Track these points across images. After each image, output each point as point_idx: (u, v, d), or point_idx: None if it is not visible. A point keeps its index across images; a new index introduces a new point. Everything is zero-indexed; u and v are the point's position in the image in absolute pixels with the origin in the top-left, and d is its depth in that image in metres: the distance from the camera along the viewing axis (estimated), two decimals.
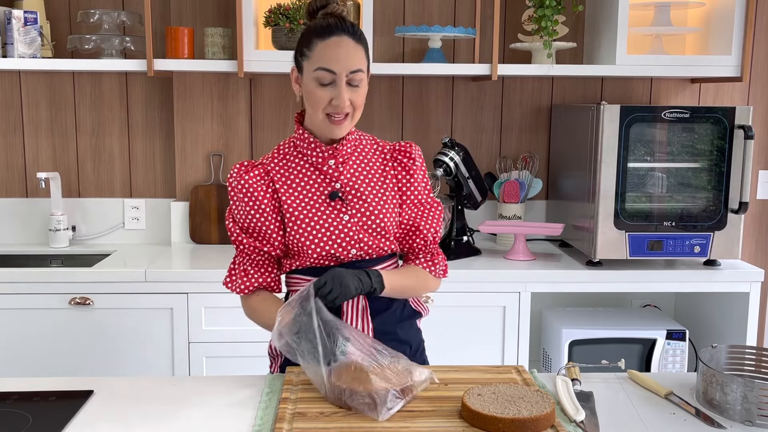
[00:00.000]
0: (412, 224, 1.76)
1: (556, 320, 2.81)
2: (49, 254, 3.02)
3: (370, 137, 1.81)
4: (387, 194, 1.74)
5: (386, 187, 1.74)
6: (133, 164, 3.15)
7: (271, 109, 3.13)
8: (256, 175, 1.70)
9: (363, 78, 1.65)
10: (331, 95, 1.62)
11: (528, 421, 1.33)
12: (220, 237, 3.07)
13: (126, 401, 1.53)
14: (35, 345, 2.59)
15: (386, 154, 1.78)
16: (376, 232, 1.70)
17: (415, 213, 1.77)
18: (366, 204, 1.70)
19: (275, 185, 1.70)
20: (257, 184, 1.69)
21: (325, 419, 1.39)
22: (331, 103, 1.63)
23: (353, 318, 1.68)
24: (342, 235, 1.68)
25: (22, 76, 3.07)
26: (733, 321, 2.79)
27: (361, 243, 1.69)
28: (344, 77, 1.62)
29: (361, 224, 1.69)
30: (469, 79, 3.15)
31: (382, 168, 1.76)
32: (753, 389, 1.44)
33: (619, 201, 2.67)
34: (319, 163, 1.71)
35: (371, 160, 1.76)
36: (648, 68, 2.86)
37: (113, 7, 3.05)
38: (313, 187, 1.70)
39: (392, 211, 1.73)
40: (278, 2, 2.81)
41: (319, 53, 1.62)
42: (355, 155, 1.75)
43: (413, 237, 1.77)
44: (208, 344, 2.62)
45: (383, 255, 1.74)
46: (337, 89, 1.62)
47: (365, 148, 1.77)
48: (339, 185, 1.70)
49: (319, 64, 1.61)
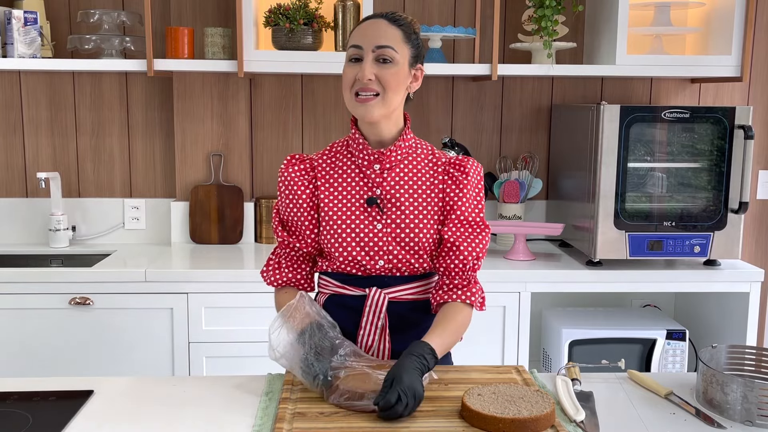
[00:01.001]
0: (453, 242, 1.64)
1: (556, 320, 2.81)
2: (49, 254, 3.02)
3: (429, 147, 1.74)
4: (429, 209, 1.67)
5: (429, 202, 1.67)
6: (133, 164, 3.15)
7: (271, 109, 3.13)
8: (301, 169, 1.71)
9: (394, 56, 1.60)
10: (356, 71, 1.61)
11: (528, 421, 1.33)
12: (220, 237, 3.07)
13: (126, 401, 1.53)
14: (35, 345, 2.59)
15: (440, 167, 1.70)
16: (408, 246, 1.64)
17: (459, 231, 1.65)
18: (403, 216, 1.65)
19: (317, 181, 1.69)
20: (299, 178, 1.69)
21: (325, 419, 1.39)
22: (357, 78, 1.61)
23: (371, 336, 1.66)
24: (371, 243, 1.64)
25: (22, 76, 3.07)
26: (733, 321, 2.79)
27: (390, 255, 1.64)
28: (370, 52, 1.60)
29: (393, 235, 1.64)
30: (469, 79, 3.16)
31: (431, 181, 1.68)
32: (753, 389, 1.44)
33: (619, 201, 2.67)
34: (364, 166, 1.68)
35: (420, 171, 1.69)
36: (648, 68, 2.86)
37: (113, 7, 3.05)
38: (354, 190, 1.67)
39: (431, 228, 1.66)
40: (278, 2, 2.81)
41: (353, 35, 1.64)
42: (404, 163, 1.69)
43: (451, 256, 1.64)
44: (208, 344, 2.62)
45: (415, 273, 1.67)
46: (362, 63, 1.61)
47: (418, 157, 1.70)
48: (379, 191, 1.66)
49: (351, 42, 1.63)
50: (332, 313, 1.67)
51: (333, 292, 1.71)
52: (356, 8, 2.83)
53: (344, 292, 1.69)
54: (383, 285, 1.66)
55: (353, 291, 1.68)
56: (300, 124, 3.15)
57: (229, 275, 2.60)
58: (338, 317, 1.66)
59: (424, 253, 1.66)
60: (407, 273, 1.66)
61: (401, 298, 1.67)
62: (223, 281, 2.59)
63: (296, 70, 2.82)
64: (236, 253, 2.94)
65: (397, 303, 1.67)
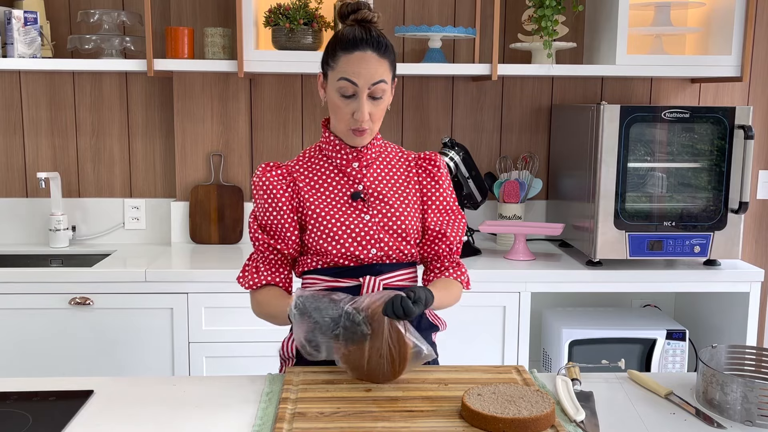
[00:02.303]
0: (438, 230, 1.79)
1: (556, 320, 2.81)
2: (49, 254, 3.02)
3: (396, 147, 1.84)
4: (409, 199, 1.76)
5: (409, 192, 1.77)
6: (133, 164, 3.15)
7: (271, 109, 3.13)
8: (278, 174, 1.74)
9: (386, 89, 1.67)
10: (352, 109, 1.65)
11: (528, 421, 1.33)
12: (220, 237, 3.07)
13: (126, 401, 1.53)
14: (35, 345, 2.59)
15: (411, 162, 1.81)
16: (396, 233, 1.72)
17: (442, 219, 1.80)
18: (387, 206, 1.73)
19: (298, 185, 1.74)
20: (278, 183, 1.73)
21: (325, 419, 1.39)
22: (353, 116, 1.66)
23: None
24: (363, 233, 1.70)
25: (22, 76, 3.07)
26: (733, 321, 2.79)
27: (381, 243, 1.71)
28: (366, 90, 1.64)
29: (382, 225, 1.72)
30: (469, 79, 3.15)
31: (406, 174, 1.79)
32: (753, 389, 1.44)
33: (619, 201, 2.67)
34: (343, 165, 1.75)
35: (395, 166, 1.79)
36: (648, 68, 2.86)
37: (113, 7, 3.05)
38: (336, 188, 1.74)
39: (414, 216, 1.76)
40: (278, 2, 2.81)
41: (343, 66, 1.64)
42: (380, 160, 1.78)
43: (438, 243, 1.79)
44: (208, 344, 2.62)
45: (403, 261, 1.75)
46: (358, 102, 1.65)
47: (389, 155, 1.81)
48: (361, 186, 1.74)
49: (342, 74, 1.64)
50: None
51: (326, 287, 1.73)
52: None
53: (337, 285, 1.72)
54: (375, 273, 1.72)
55: (347, 282, 1.72)
56: (300, 124, 3.15)
57: (229, 275, 2.59)
58: None
59: (411, 239, 1.74)
60: (396, 260, 1.74)
61: (393, 284, 1.74)
62: (223, 281, 2.59)
63: (296, 70, 2.82)
64: (236, 253, 2.94)
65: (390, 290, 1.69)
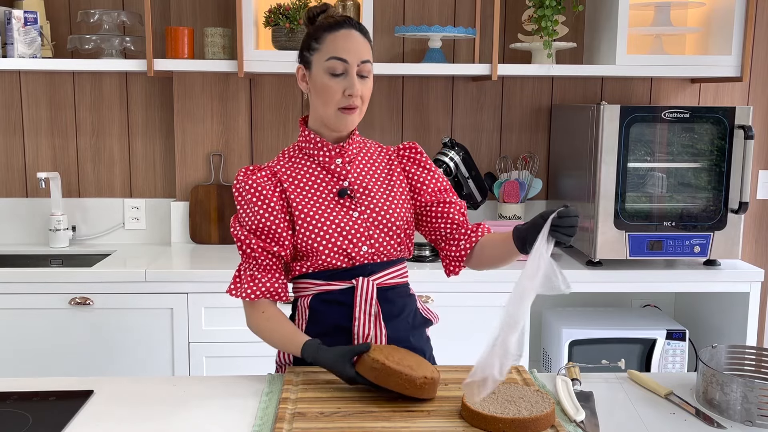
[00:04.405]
0: (444, 201, 1.78)
1: (556, 320, 2.81)
2: (49, 254, 3.02)
3: (374, 142, 1.83)
4: (396, 192, 1.74)
5: (394, 185, 1.75)
6: (133, 164, 3.15)
7: (271, 109, 3.13)
8: (263, 176, 1.70)
9: (371, 70, 1.67)
10: (343, 86, 1.64)
11: (528, 421, 1.33)
12: (220, 237, 3.07)
13: (126, 401, 1.53)
14: (35, 345, 2.59)
15: (391, 155, 1.81)
16: (387, 228, 1.70)
17: (443, 193, 1.79)
18: (375, 201, 1.71)
19: (283, 185, 1.70)
20: (265, 183, 1.69)
21: (325, 419, 1.39)
22: (345, 93, 1.64)
23: (366, 324, 1.67)
24: (353, 231, 1.67)
25: (22, 76, 3.07)
26: (733, 321, 2.79)
27: (372, 240, 1.68)
28: (355, 66, 1.63)
29: (371, 221, 1.69)
30: (469, 79, 3.15)
31: (389, 168, 1.78)
32: (753, 389, 1.44)
33: (619, 201, 2.67)
34: (326, 163, 1.72)
35: (377, 161, 1.78)
36: (648, 68, 2.86)
37: (113, 7, 3.05)
38: (321, 186, 1.70)
39: (402, 209, 1.73)
40: (278, 2, 2.81)
41: (330, 44, 1.64)
42: (361, 156, 1.76)
43: (451, 211, 1.78)
44: (208, 344, 2.62)
45: (393, 257, 1.73)
46: (349, 79, 1.63)
47: (369, 150, 1.79)
48: (347, 183, 1.71)
49: (331, 53, 1.63)
50: (321, 311, 1.69)
51: (318, 291, 1.70)
52: (356, 8, 2.83)
53: (330, 288, 1.69)
54: (367, 273, 1.69)
55: (340, 285, 1.69)
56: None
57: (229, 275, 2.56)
58: (328, 314, 1.68)
59: (402, 233, 1.72)
60: (386, 258, 1.71)
61: (386, 283, 1.71)
62: (223, 281, 2.56)
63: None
64: (236, 253, 2.93)
65: (383, 289, 1.71)
